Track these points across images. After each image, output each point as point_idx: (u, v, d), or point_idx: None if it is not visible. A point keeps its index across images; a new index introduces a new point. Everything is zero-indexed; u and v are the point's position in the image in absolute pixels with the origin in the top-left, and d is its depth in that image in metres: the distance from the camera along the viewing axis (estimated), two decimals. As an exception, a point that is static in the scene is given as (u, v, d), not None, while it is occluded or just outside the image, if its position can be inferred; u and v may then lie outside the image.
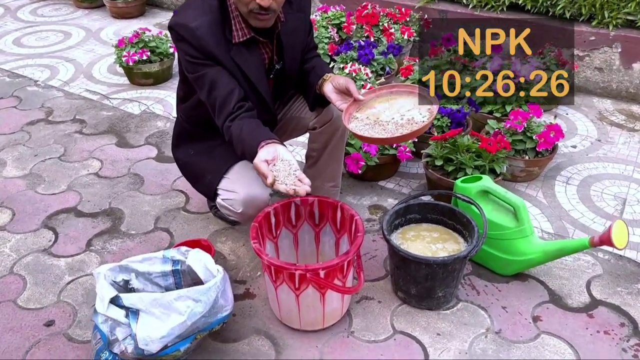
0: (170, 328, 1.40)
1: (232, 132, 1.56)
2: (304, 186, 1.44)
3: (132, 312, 1.41)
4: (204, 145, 1.83)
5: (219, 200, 1.77)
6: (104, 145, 2.66)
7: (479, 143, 2.12)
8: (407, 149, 2.23)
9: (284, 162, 1.47)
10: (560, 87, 2.31)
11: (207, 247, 1.85)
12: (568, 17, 2.97)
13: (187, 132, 1.88)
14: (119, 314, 1.42)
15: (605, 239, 1.59)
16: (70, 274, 1.92)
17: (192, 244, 1.86)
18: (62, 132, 2.77)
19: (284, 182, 1.44)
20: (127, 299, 1.42)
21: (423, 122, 1.57)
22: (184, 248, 1.60)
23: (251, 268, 1.95)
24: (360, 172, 2.18)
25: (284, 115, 1.92)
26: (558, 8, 2.95)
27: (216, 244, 2.05)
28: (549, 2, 2.97)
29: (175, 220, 2.17)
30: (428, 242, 1.79)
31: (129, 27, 3.99)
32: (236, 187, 1.72)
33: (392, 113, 1.64)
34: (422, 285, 1.70)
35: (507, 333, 1.69)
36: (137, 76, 3.14)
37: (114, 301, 1.44)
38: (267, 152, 1.47)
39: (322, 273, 1.51)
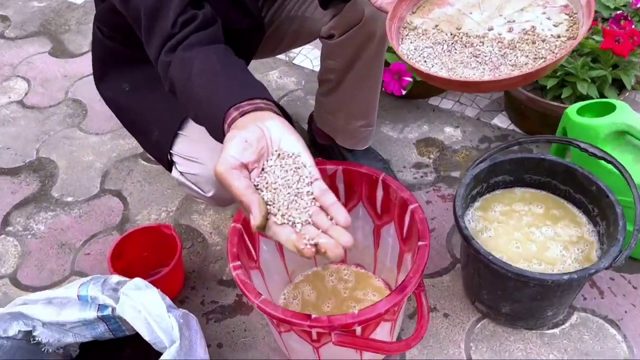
0: None
1: (172, 77, 0.79)
2: (339, 235, 0.63)
3: None
4: (142, 74, 1.07)
5: (175, 173, 1.06)
6: (33, 56, 1.88)
7: (596, 39, 1.31)
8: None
9: (284, 159, 0.66)
10: None
11: (170, 239, 1.17)
12: None
13: (113, 53, 1.11)
14: None
15: None
16: (-25, 276, 1.29)
17: (147, 233, 1.19)
18: (-23, 37, 1.99)
19: (289, 218, 0.63)
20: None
21: (559, 38, 0.75)
22: (113, 279, 0.92)
23: (244, 256, 1.28)
24: (404, 92, 1.41)
25: (280, 13, 1.12)
26: None
27: (191, 215, 1.37)
28: None
29: (131, 176, 1.48)
30: (528, 225, 1.08)
31: None
32: (201, 152, 0.99)
33: (488, 17, 0.82)
34: (523, 304, 1.02)
35: (658, 370, 1.05)
36: (77, -54, 2.23)
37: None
38: (242, 138, 0.64)
39: (358, 329, 0.84)
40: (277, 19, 1.12)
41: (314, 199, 0.64)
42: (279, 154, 0.66)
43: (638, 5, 1.43)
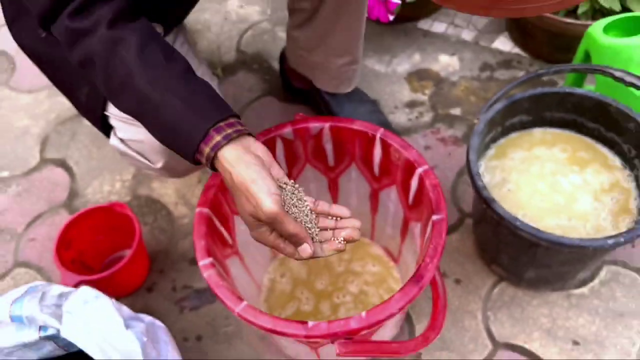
0: None
1: (92, 53, 0.60)
2: (349, 223, 0.65)
3: None
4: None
5: (114, 141, 0.85)
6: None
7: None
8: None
9: (286, 185, 0.64)
10: None
11: (126, 221, 0.98)
12: None
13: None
14: None
15: None
16: None
17: (100, 213, 0.99)
18: None
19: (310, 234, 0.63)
20: None
21: None
22: (54, 291, 0.73)
23: (219, 228, 1.09)
24: (391, 18, 1.18)
25: None
26: None
27: (150, 184, 1.16)
28: None
29: (75, 140, 1.25)
30: (552, 174, 0.91)
31: None
32: None
33: None
34: (552, 269, 0.87)
35: (702, 327, 0.92)
36: None
37: None
38: (267, 173, 0.60)
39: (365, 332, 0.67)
40: None
41: (311, 210, 0.65)
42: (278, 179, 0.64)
43: None
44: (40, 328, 0.72)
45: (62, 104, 1.31)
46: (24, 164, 1.22)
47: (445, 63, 1.29)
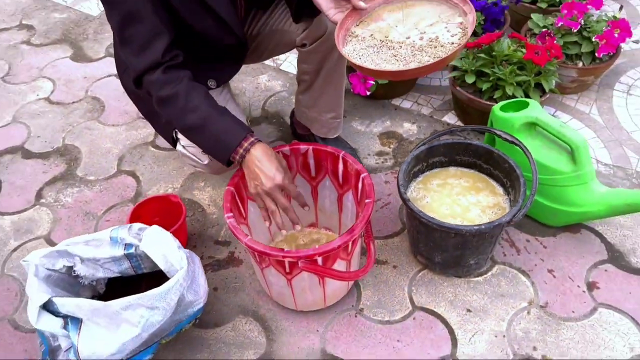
0: (121, 343, 1.07)
1: (163, 93, 1.13)
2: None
3: (73, 320, 1.08)
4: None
5: (179, 147, 1.37)
6: (57, 60, 2.19)
7: (524, 52, 1.63)
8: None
9: None
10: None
11: (177, 207, 1.47)
12: None
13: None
14: (54, 325, 1.08)
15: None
16: (16, 237, 1.58)
17: (158, 202, 1.49)
18: (6, 43, 2.29)
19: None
20: (63, 305, 1.08)
21: (452, 44, 1.08)
22: (137, 226, 1.22)
23: (236, 223, 1.58)
24: (368, 93, 1.73)
25: (264, 27, 1.43)
26: None
27: (192, 191, 1.67)
28: None
29: (143, 159, 1.78)
30: (457, 194, 1.39)
31: None
32: None
33: (408, 29, 1.14)
34: (450, 253, 1.33)
35: (556, 307, 1.35)
36: (93, -35, 2.55)
37: (48, 306, 1.09)
38: (283, 165, 1.21)
39: (319, 259, 1.14)
40: (261, 32, 1.43)
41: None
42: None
43: (559, 24, 1.75)
44: (125, 246, 1.21)
45: (135, 135, 1.85)
46: (106, 172, 1.75)
47: (407, 128, 1.81)
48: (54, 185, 1.72)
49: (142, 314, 1.06)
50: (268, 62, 2.07)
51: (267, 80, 2.05)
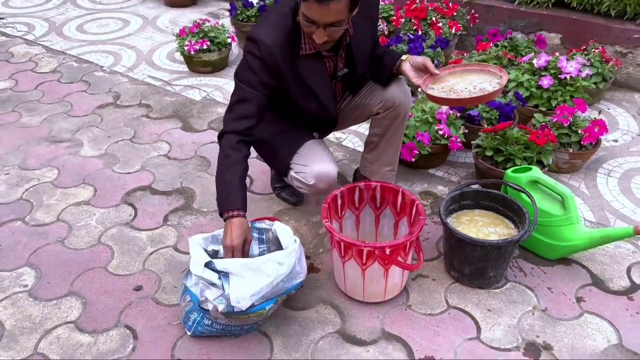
0: (259, 287, 1.59)
1: (226, 152, 1.75)
2: None
3: (224, 275, 1.61)
4: (277, 127, 2.01)
5: (292, 173, 1.96)
6: (170, 129, 2.87)
7: (528, 136, 2.26)
8: (458, 139, 2.38)
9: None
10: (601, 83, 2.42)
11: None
12: (613, 15, 3.05)
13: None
14: (213, 276, 1.62)
15: (650, 228, 1.73)
16: (152, 245, 2.14)
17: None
18: (131, 116, 2.99)
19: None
20: (219, 264, 1.62)
21: (494, 88, 1.76)
22: (268, 221, 1.80)
23: (314, 245, 2.13)
24: (413, 160, 2.34)
25: (350, 103, 2.08)
26: (604, 6, 3.04)
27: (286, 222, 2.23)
28: (594, 0, 3.06)
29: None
30: (481, 226, 1.95)
31: (183, 16, 4.19)
32: (308, 162, 1.92)
33: (465, 85, 1.82)
34: (476, 265, 1.86)
35: (553, 311, 1.85)
36: (197, 64, 3.33)
37: (207, 265, 1.64)
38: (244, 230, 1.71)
39: (388, 250, 1.69)
40: (350, 105, 2.08)
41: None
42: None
43: (555, 120, 2.40)
44: (259, 232, 1.77)
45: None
46: (214, 206, 2.32)
47: (441, 189, 2.40)
48: (176, 213, 2.30)
49: (274, 267, 1.60)
50: (333, 138, 2.72)
51: (333, 151, 2.68)
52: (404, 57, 1.90)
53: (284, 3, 1.77)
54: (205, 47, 3.24)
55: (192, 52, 3.23)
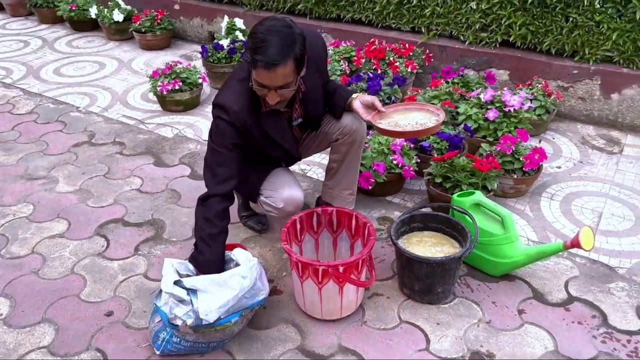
0: (226, 300, 1.74)
1: (213, 221, 1.90)
2: None
3: (192, 292, 1.75)
4: (246, 159, 2.16)
5: (261, 198, 2.12)
6: (143, 165, 3.01)
7: (473, 163, 2.46)
8: (411, 168, 2.57)
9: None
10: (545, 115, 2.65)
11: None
12: (553, 53, 3.33)
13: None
14: (182, 292, 1.75)
15: (575, 242, 1.92)
16: (123, 274, 2.25)
17: (230, 247, 2.19)
18: (105, 153, 3.13)
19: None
20: (187, 282, 1.76)
21: (433, 124, 1.99)
22: (227, 251, 1.94)
23: (277, 269, 2.27)
24: (370, 188, 2.52)
25: (311, 135, 2.26)
26: (544, 45, 3.31)
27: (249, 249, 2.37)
28: (536, 40, 3.34)
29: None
30: (429, 246, 2.12)
31: (157, 58, 4.39)
32: (277, 187, 2.11)
33: (408, 121, 2.04)
34: (424, 281, 2.02)
35: (496, 323, 2.00)
36: (169, 103, 3.51)
37: (177, 284, 1.77)
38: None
39: (341, 269, 1.84)
40: (309, 136, 2.26)
41: None
42: None
43: (499, 149, 2.61)
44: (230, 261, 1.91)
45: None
46: (183, 236, 2.46)
47: (397, 215, 2.58)
48: (147, 243, 2.42)
49: (239, 280, 1.74)
50: (298, 169, 2.89)
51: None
52: (354, 95, 2.10)
53: (240, 69, 1.95)
54: (177, 87, 3.42)
55: (165, 92, 3.41)
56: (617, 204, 2.64)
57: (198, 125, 3.41)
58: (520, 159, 2.59)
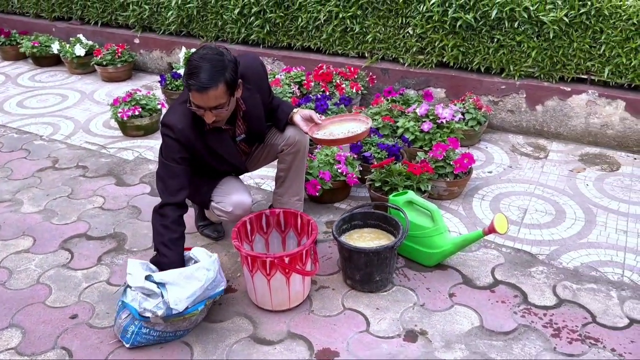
0: (193, 290, 1.95)
1: (170, 227, 2.10)
2: None
3: (162, 285, 1.94)
4: (197, 171, 2.38)
5: (212, 204, 2.32)
6: (105, 185, 3.18)
7: (407, 168, 2.73)
8: (354, 176, 2.82)
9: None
10: (477, 126, 2.94)
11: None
12: (483, 71, 3.68)
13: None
14: (152, 286, 1.94)
15: (491, 228, 2.18)
16: (86, 281, 2.41)
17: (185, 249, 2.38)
18: (68, 176, 3.29)
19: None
20: (157, 276, 1.97)
21: (361, 130, 2.27)
22: (186, 251, 2.14)
23: (232, 271, 2.46)
24: (317, 194, 2.75)
25: (258, 147, 2.49)
26: (474, 64, 3.66)
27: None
28: (467, 59, 3.68)
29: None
30: (368, 240, 2.35)
31: (119, 89, 4.59)
32: (227, 193, 2.31)
33: (342, 130, 2.31)
34: (364, 271, 2.24)
35: (429, 305, 2.23)
36: (130, 129, 3.70)
37: (147, 279, 1.96)
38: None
39: (286, 260, 2.05)
40: (257, 149, 2.49)
41: None
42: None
43: (431, 155, 2.89)
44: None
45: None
46: (144, 246, 2.64)
47: (343, 219, 2.81)
48: (110, 254, 2.59)
49: (204, 272, 1.96)
50: (253, 183, 3.11)
51: (254, 194, 3.06)
52: (295, 109, 2.35)
53: (184, 93, 2.16)
54: (137, 112, 3.62)
55: (125, 118, 3.60)
56: (540, 201, 2.94)
57: (157, 147, 3.59)
58: (451, 163, 2.87)
